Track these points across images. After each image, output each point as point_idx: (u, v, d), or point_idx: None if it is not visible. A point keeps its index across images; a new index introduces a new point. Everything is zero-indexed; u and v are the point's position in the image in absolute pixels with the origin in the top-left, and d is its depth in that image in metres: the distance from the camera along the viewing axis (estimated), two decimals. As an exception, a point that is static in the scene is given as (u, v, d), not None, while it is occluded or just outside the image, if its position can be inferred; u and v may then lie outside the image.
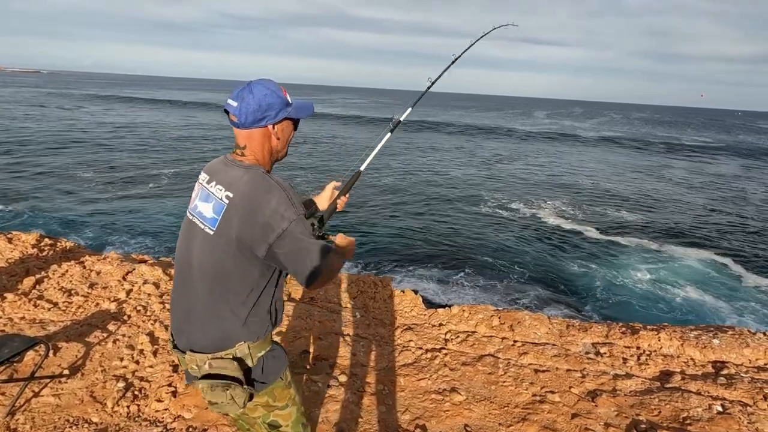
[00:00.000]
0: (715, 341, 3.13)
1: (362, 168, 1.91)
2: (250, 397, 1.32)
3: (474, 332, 3.42)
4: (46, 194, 14.46)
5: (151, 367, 2.84)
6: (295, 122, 1.42)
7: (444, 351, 3.17)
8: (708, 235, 13.72)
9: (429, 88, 2.23)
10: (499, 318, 3.52)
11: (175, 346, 1.41)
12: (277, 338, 3.18)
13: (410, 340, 3.32)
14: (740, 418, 2.37)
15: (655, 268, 11.03)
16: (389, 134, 2.04)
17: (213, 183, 1.32)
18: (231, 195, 1.26)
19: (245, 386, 1.30)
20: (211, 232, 1.28)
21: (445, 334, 3.41)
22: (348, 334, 3.37)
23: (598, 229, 13.92)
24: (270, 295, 1.36)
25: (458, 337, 3.35)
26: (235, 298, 1.29)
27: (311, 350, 3.13)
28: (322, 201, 1.77)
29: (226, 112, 1.33)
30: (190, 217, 1.37)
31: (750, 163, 30.38)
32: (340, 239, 1.48)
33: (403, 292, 4.02)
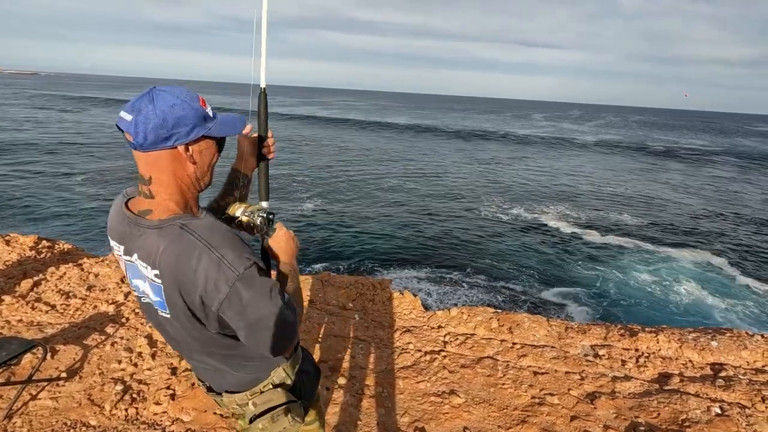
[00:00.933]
0: (714, 343, 3.14)
1: (262, 84, 1.29)
2: (306, 411, 1.25)
3: (473, 334, 3.42)
4: (44, 197, 14.42)
5: (149, 369, 2.83)
6: (219, 142, 1.09)
7: (443, 353, 3.17)
8: (704, 237, 13.78)
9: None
10: (498, 320, 3.53)
11: (209, 389, 1.26)
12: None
13: (409, 343, 3.32)
14: (739, 420, 2.38)
15: (653, 270, 11.06)
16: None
17: (135, 256, 1.03)
18: (159, 273, 0.99)
19: (300, 401, 1.23)
20: (169, 316, 1.06)
21: (444, 336, 3.40)
22: (347, 337, 3.36)
23: (596, 231, 13.96)
24: None
25: (457, 339, 3.34)
26: (240, 355, 1.14)
27: (310, 353, 3.12)
28: (246, 161, 1.31)
29: (120, 129, 0.99)
30: (143, 299, 1.11)
31: (746, 164, 30.51)
32: (273, 245, 1.21)
33: (401, 294, 4.01)
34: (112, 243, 1.09)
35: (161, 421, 2.41)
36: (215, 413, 2.45)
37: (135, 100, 0.97)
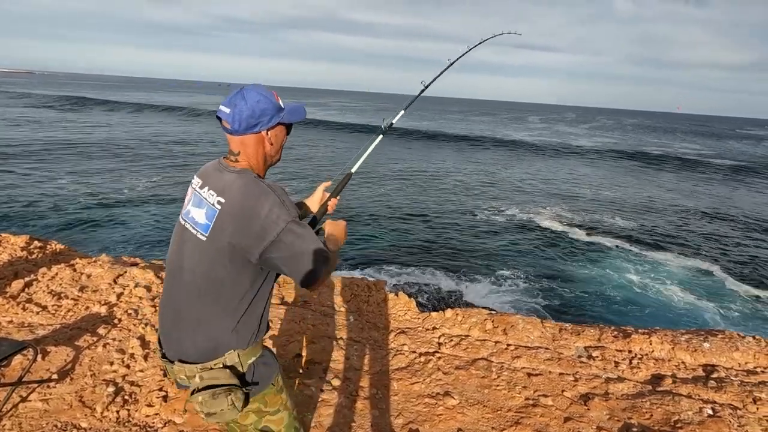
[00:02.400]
0: (706, 345, 3.16)
1: (353, 170, 1.89)
2: (246, 402, 1.31)
3: (467, 336, 3.42)
4: (36, 197, 14.28)
5: (141, 371, 2.81)
6: (288, 127, 1.42)
7: (437, 355, 3.17)
8: (695, 242, 13.92)
9: (422, 92, 2.25)
10: (493, 322, 3.53)
11: (163, 356, 1.38)
12: (269, 342, 3.16)
13: (404, 344, 3.32)
14: (730, 422, 2.39)
15: (645, 272, 11.15)
16: (381, 136, 2.03)
17: (206, 188, 1.30)
18: (223, 200, 1.25)
19: (244, 389, 1.29)
20: (204, 238, 1.26)
21: (439, 337, 3.41)
22: (341, 338, 3.36)
23: (590, 234, 14.04)
24: (261, 302, 1.35)
25: (452, 340, 3.35)
26: (226, 306, 1.28)
27: (304, 354, 3.11)
28: (313, 203, 1.77)
29: (219, 119, 1.31)
30: (183, 223, 1.35)
31: (738, 168, 30.80)
32: (329, 226, 1.49)
33: (396, 295, 4.01)
34: (194, 181, 1.38)
35: (153, 423, 2.39)
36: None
37: (231, 97, 1.29)
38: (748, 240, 14.54)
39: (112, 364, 2.85)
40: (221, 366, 1.28)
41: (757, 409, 2.52)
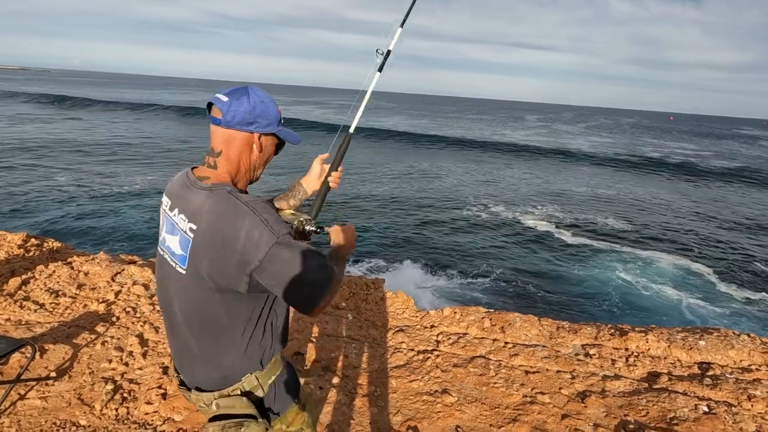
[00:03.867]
0: (701, 343, 3.19)
1: (351, 129, 1.60)
2: (266, 430, 1.22)
3: (465, 334, 3.43)
4: (33, 195, 14.21)
5: (140, 369, 2.81)
6: (279, 145, 1.27)
7: (436, 353, 3.19)
8: (690, 242, 14.01)
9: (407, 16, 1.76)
10: (491, 320, 3.55)
11: (181, 383, 1.30)
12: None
13: (402, 342, 3.33)
14: (725, 419, 2.42)
15: (640, 272, 11.24)
16: (378, 74, 1.69)
17: (175, 210, 1.15)
18: (194, 227, 1.08)
19: (260, 420, 1.19)
20: (183, 272, 1.12)
21: (437, 335, 3.42)
22: (340, 336, 3.37)
23: (588, 235, 14.11)
24: (270, 318, 1.23)
25: (450, 338, 3.36)
26: (229, 337, 1.17)
27: (303, 352, 3.12)
28: (311, 180, 1.53)
29: (209, 106, 1.16)
30: (161, 253, 1.22)
31: (735, 170, 30.95)
32: (335, 234, 1.33)
33: (395, 294, 4.02)
34: (164, 199, 1.23)
35: (152, 420, 2.39)
36: (207, 413, 2.43)
37: (233, 89, 1.16)
38: (741, 240, 14.64)
39: (110, 361, 2.85)
40: (239, 393, 1.19)
41: (752, 406, 2.55)
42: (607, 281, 10.60)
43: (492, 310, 3.75)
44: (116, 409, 2.44)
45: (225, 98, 1.13)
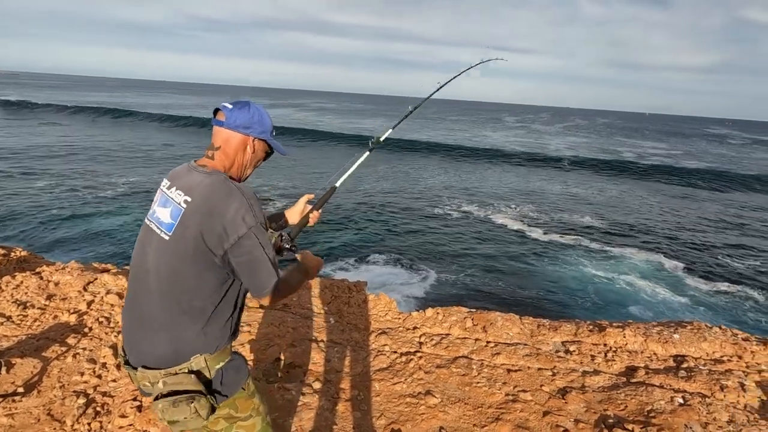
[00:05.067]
0: (676, 336, 3.27)
1: (337, 184, 1.88)
2: (212, 409, 1.28)
3: (448, 334, 3.44)
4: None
5: (114, 381, 2.71)
6: (268, 152, 1.49)
7: (419, 354, 3.18)
8: (661, 240, 14.49)
9: (410, 113, 2.29)
10: (473, 320, 3.57)
11: (126, 362, 1.35)
12: (247, 346, 3.11)
13: (385, 345, 3.32)
14: (700, 409, 2.49)
15: (616, 269, 11.59)
16: (368, 153, 2.03)
17: (173, 188, 1.31)
18: (189, 199, 1.26)
19: (209, 397, 1.26)
20: (167, 237, 1.26)
21: (420, 337, 3.42)
22: (322, 340, 3.33)
23: (564, 234, 14.42)
24: (230, 306, 1.33)
25: (432, 339, 3.36)
26: (191, 308, 1.26)
27: (284, 358, 3.07)
28: (294, 215, 1.75)
29: (215, 112, 1.39)
30: (148, 223, 1.35)
31: (703, 168, 32.06)
32: (304, 256, 1.47)
33: (377, 296, 4.01)
34: (163, 182, 1.37)
35: (127, 434, 2.31)
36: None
37: (237, 101, 1.41)
38: (709, 236, 15.21)
39: (82, 374, 2.74)
40: (186, 371, 1.25)
41: (725, 396, 2.63)
42: (583, 278, 10.84)
43: (474, 310, 3.77)
44: (89, 424, 2.35)
45: (230, 106, 1.38)
